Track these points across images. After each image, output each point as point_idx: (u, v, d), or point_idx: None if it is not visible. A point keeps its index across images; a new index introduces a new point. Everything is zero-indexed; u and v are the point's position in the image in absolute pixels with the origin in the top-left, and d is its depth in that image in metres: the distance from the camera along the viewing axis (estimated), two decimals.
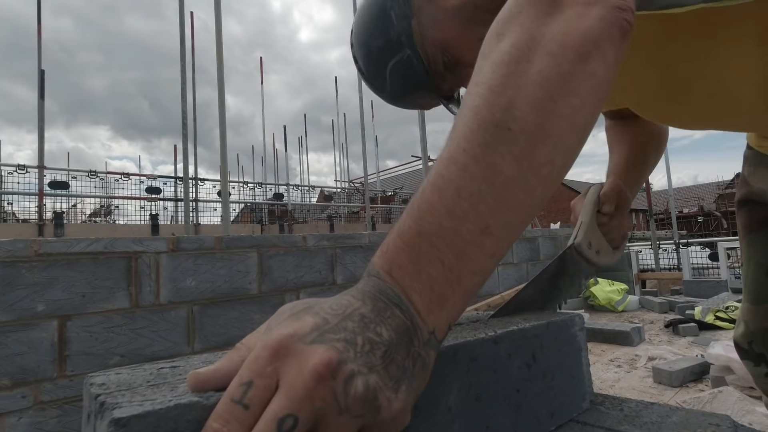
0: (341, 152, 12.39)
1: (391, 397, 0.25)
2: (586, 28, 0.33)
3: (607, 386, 2.14)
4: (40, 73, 5.00)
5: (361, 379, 0.24)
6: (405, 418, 0.27)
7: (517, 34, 0.34)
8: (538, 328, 0.44)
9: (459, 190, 0.30)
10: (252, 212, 12.17)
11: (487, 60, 0.35)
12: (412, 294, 0.29)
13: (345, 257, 2.27)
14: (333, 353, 0.24)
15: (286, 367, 0.24)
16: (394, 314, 0.28)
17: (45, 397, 1.46)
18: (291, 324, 0.26)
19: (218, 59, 3.31)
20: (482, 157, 0.31)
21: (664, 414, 0.44)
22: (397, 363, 0.27)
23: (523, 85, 0.32)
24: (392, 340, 0.27)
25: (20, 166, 6.05)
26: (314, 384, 0.23)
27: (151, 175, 7.81)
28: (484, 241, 0.30)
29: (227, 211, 3.44)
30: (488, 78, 0.33)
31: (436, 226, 0.30)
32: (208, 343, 1.80)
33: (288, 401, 0.23)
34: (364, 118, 6.50)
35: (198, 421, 0.24)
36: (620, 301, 4.13)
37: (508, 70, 0.33)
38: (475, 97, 0.33)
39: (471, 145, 0.31)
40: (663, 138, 0.85)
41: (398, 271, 0.29)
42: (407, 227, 0.31)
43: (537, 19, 0.34)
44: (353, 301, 0.28)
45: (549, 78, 0.32)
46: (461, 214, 0.30)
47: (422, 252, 0.29)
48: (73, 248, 1.54)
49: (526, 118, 0.31)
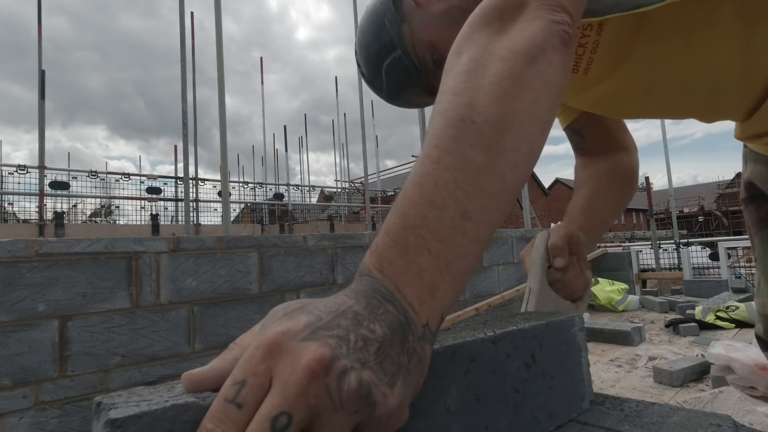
0: (341, 152, 12.39)
1: (387, 393, 0.25)
2: (531, 36, 0.39)
3: (608, 386, 2.14)
4: (40, 74, 5.00)
5: (354, 375, 0.24)
6: (402, 414, 0.27)
7: (473, 50, 0.40)
8: (537, 328, 0.44)
9: (437, 182, 0.33)
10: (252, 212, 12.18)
11: (449, 74, 0.40)
12: (404, 287, 0.30)
13: (345, 257, 2.27)
14: (326, 349, 0.24)
15: (279, 365, 0.24)
16: (388, 310, 0.28)
17: (46, 397, 1.46)
18: (284, 323, 0.26)
19: (218, 60, 3.31)
20: (453, 149, 0.34)
21: (665, 414, 0.44)
22: (391, 358, 0.27)
23: (482, 86, 0.36)
24: (386, 336, 0.27)
25: (21, 167, 6.05)
26: (307, 381, 0.23)
27: (151, 175, 7.82)
28: (465, 226, 0.32)
29: (227, 211, 3.44)
30: (451, 86, 0.38)
31: (419, 217, 0.31)
32: (208, 343, 1.80)
33: (281, 399, 0.23)
34: (364, 117, 6.50)
35: (194, 422, 0.24)
36: (620, 300, 4.13)
37: (467, 77, 0.38)
38: (442, 102, 0.37)
39: (441, 140, 0.35)
40: (633, 183, 0.85)
41: (389, 267, 0.30)
42: (393, 224, 0.32)
43: (489, 37, 0.40)
44: (346, 300, 0.28)
45: (504, 78, 0.37)
46: (441, 202, 0.32)
47: (409, 244, 0.31)
48: (73, 248, 1.54)
49: (488, 111, 0.35)
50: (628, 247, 5.97)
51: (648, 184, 7.82)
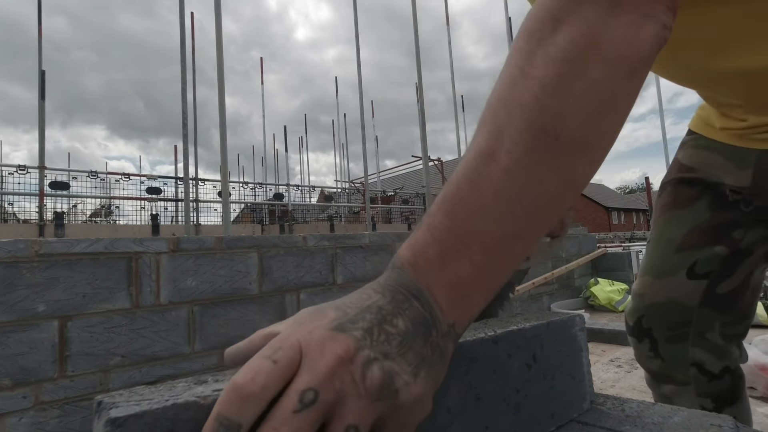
0: (341, 152, 12.39)
1: (410, 382, 0.26)
2: (641, 41, 0.32)
3: (608, 386, 2.14)
4: (40, 74, 5.01)
5: (377, 365, 0.25)
6: (426, 405, 0.28)
7: (578, 29, 0.32)
8: (538, 328, 0.44)
9: (498, 193, 0.30)
10: (252, 212, 12.17)
11: (540, 48, 0.32)
12: (436, 288, 0.30)
13: (345, 257, 2.27)
14: (351, 341, 0.26)
15: (309, 349, 0.25)
16: (413, 306, 0.29)
17: (45, 398, 1.46)
18: (315, 317, 0.28)
19: (218, 60, 3.31)
20: (527, 164, 0.30)
21: (666, 414, 0.44)
22: (414, 351, 0.27)
23: (578, 91, 0.31)
24: (408, 330, 0.28)
25: (21, 167, 6.05)
26: (334, 365, 0.24)
27: (151, 175, 7.82)
28: (515, 246, 0.31)
29: (227, 211, 3.44)
30: (541, 74, 0.31)
31: (469, 225, 0.30)
32: (208, 344, 1.80)
33: (310, 377, 0.24)
34: (364, 118, 6.50)
35: (195, 421, 0.24)
36: (621, 301, 4.12)
37: (563, 69, 0.31)
38: (524, 91, 0.31)
39: (517, 147, 0.30)
40: None
41: (424, 265, 0.30)
42: (438, 223, 0.31)
43: (599, 15, 0.32)
44: (373, 294, 0.29)
45: (602, 90, 0.31)
46: (497, 216, 0.30)
47: (451, 248, 0.30)
48: (73, 249, 1.54)
49: (576, 128, 0.31)
50: (628, 247, 5.96)
51: (648, 185, 7.81)
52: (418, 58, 5.72)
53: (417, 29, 5.65)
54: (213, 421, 0.23)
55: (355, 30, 6.29)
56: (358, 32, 6.28)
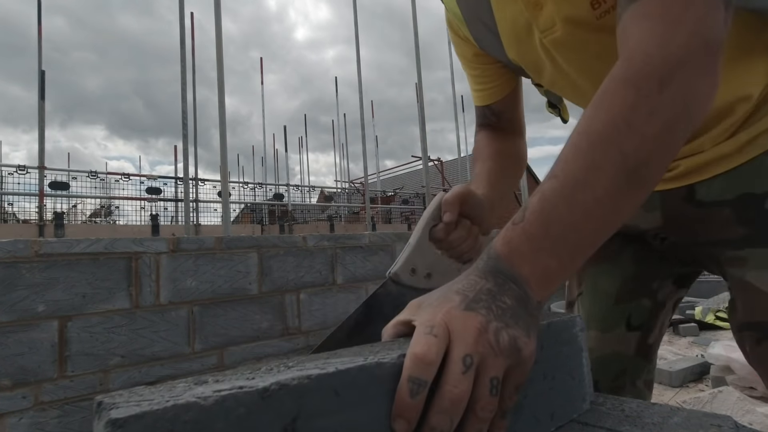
0: (341, 152, 12.39)
1: (527, 341, 0.35)
2: (710, 104, 0.42)
3: None
4: (40, 74, 5.01)
5: (505, 331, 0.34)
6: (534, 357, 0.36)
7: (679, 92, 0.40)
8: (538, 329, 0.44)
9: (588, 215, 0.39)
10: (252, 212, 12.17)
11: (646, 105, 0.40)
12: (529, 277, 0.38)
13: (345, 257, 2.27)
14: (482, 316, 0.34)
15: (455, 326, 0.33)
16: (511, 287, 0.37)
17: (45, 398, 1.46)
18: (444, 301, 0.36)
19: (218, 61, 3.31)
20: (618, 198, 0.40)
21: (665, 414, 0.44)
22: (523, 319, 0.36)
23: (669, 145, 0.41)
24: (514, 305, 0.36)
25: (20, 167, 6.05)
26: (477, 335, 0.33)
27: (150, 175, 7.82)
28: (590, 251, 0.41)
29: (227, 211, 3.44)
30: (644, 131, 0.39)
31: (561, 237, 0.39)
32: (208, 344, 1.80)
33: (464, 346, 0.32)
34: (364, 118, 6.50)
35: (195, 422, 0.24)
36: None
37: (662, 127, 0.40)
38: (626, 141, 0.39)
39: (612, 184, 0.39)
40: (524, 167, 0.88)
41: (519, 260, 0.38)
42: (535, 230, 0.39)
43: (694, 79, 0.40)
44: (479, 280, 0.37)
45: (680, 142, 0.41)
46: (585, 232, 0.39)
47: (543, 248, 0.39)
48: (73, 249, 1.54)
49: (656, 176, 0.41)
50: None
51: None
52: (417, 58, 5.73)
53: (417, 29, 5.65)
54: (407, 381, 0.30)
55: (355, 30, 6.29)
56: (358, 32, 6.28)
